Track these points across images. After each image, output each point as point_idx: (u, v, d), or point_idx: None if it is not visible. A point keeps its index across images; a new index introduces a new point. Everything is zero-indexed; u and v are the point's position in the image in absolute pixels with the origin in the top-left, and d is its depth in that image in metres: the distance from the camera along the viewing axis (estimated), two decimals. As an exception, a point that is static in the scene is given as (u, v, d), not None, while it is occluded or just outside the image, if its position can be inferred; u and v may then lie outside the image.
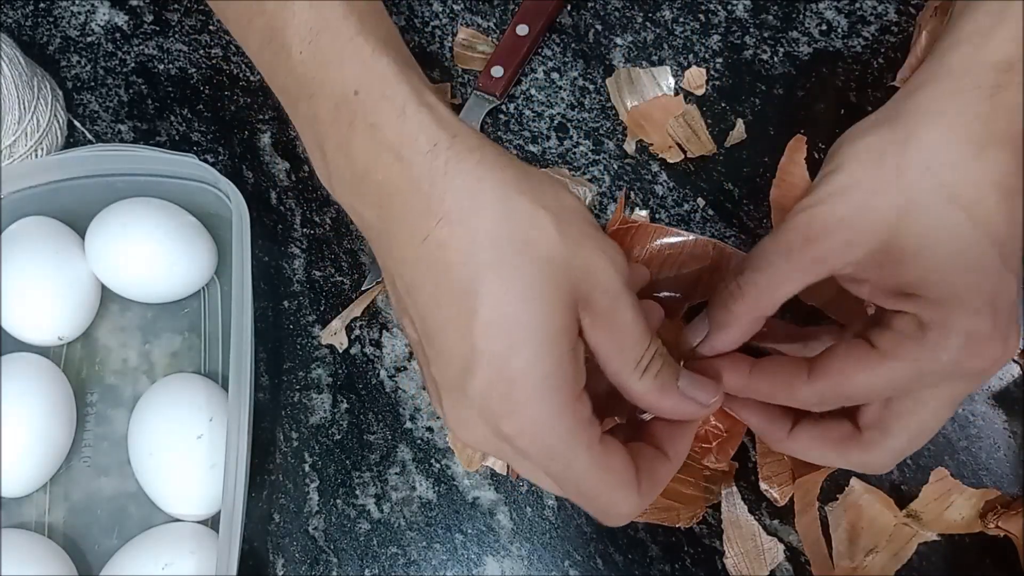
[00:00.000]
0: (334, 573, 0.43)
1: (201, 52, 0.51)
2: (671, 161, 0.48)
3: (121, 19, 0.52)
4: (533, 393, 0.28)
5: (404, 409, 0.45)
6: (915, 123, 0.31)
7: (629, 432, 0.35)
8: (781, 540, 0.42)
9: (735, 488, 0.43)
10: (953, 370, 0.31)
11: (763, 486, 0.42)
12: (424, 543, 0.43)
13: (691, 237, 0.46)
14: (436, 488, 0.44)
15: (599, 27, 0.50)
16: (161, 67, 0.50)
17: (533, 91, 0.49)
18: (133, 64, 0.51)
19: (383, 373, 0.46)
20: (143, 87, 0.50)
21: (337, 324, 0.46)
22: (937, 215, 0.30)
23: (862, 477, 0.43)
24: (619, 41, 0.50)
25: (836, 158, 0.33)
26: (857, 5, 0.50)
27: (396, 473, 0.44)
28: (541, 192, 0.30)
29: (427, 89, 0.31)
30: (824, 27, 0.50)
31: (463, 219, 0.29)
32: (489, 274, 0.28)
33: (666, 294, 0.45)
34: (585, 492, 0.31)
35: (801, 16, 0.50)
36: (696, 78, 0.49)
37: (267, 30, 0.33)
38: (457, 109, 0.49)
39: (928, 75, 0.32)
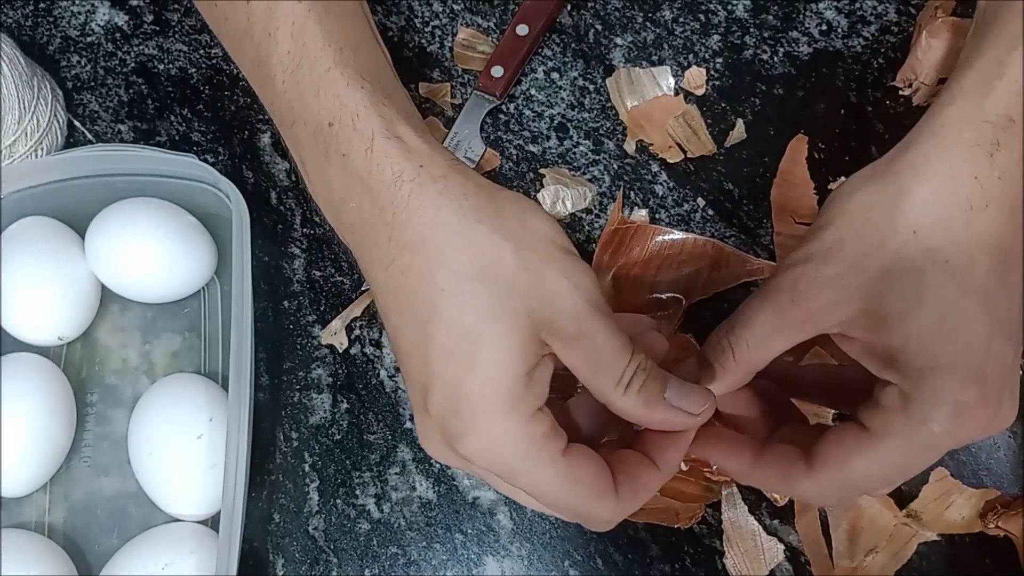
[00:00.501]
0: (334, 573, 0.43)
1: (201, 52, 0.51)
2: (671, 161, 0.48)
3: (121, 19, 0.52)
4: (484, 416, 0.29)
5: (404, 409, 0.45)
6: (906, 181, 0.30)
7: (623, 442, 0.34)
8: (781, 540, 0.42)
9: (735, 488, 0.43)
10: (948, 441, 0.29)
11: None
12: (424, 543, 0.43)
13: (690, 237, 0.46)
14: (436, 488, 0.44)
15: (599, 27, 0.50)
16: (161, 67, 0.50)
17: (533, 91, 0.49)
18: (133, 64, 0.51)
19: (383, 373, 0.46)
20: (143, 87, 0.50)
21: (337, 324, 0.46)
22: (923, 280, 0.29)
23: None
24: (619, 41, 0.50)
25: (827, 213, 0.32)
26: (857, 5, 0.50)
27: (396, 473, 0.44)
28: (503, 220, 0.30)
29: (401, 119, 0.31)
30: (824, 27, 0.50)
31: (422, 248, 0.30)
32: (446, 302, 0.29)
33: (666, 294, 0.45)
34: (558, 504, 0.31)
35: (801, 16, 0.50)
36: (696, 78, 0.49)
37: (254, 57, 0.33)
38: (457, 109, 0.49)
39: (925, 129, 0.31)
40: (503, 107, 0.49)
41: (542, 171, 0.48)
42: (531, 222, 0.31)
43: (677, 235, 0.46)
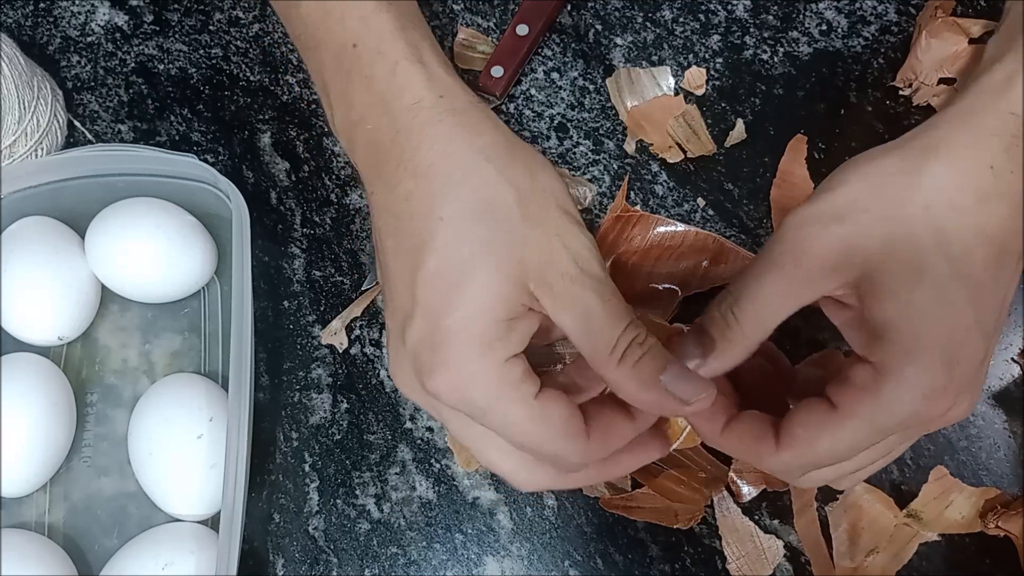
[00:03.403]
0: (334, 573, 0.43)
1: (201, 52, 0.51)
2: (671, 161, 0.48)
3: (121, 19, 0.52)
4: (458, 354, 0.29)
5: (404, 409, 0.45)
6: (926, 158, 0.30)
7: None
8: (780, 538, 0.42)
9: (725, 493, 0.43)
10: (912, 422, 0.30)
11: (731, 476, 0.42)
12: (424, 543, 0.43)
13: (692, 229, 0.46)
14: (436, 488, 0.44)
15: (599, 27, 0.50)
16: (161, 67, 0.50)
17: (533, 91, 0.49)
18: (133, 64, 0.51)
19: (383, 373, 0.46)
20: (143, 87, 0.50)
21: (337, 324, 0.46)
22: (925, 259, 0.29)
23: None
24: (619, 41, 0.50)
25: (841, 175, 0.31)
26: (857, 5, 0.50)
27: (396, 473, 0.44)
28: (513, 166, 0.30)
29: (426, 46, 0.32)
30: (824, 27, 0.50)
31: (428, 175, 0.30)
32: (442, 231, 0.30)
33: (663, 286, 0.45)
34: (528, 442, 0.31)
35: (801, 16, 0.50)
36: (696, 78, 0.49)
37: None
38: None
39: (951, 111, 0.32)
40: (503, 107, 0.49)
41: (542, 171, 0.48)
42: (540, 176, 0.31)
43: (679, 227, 0.46)
